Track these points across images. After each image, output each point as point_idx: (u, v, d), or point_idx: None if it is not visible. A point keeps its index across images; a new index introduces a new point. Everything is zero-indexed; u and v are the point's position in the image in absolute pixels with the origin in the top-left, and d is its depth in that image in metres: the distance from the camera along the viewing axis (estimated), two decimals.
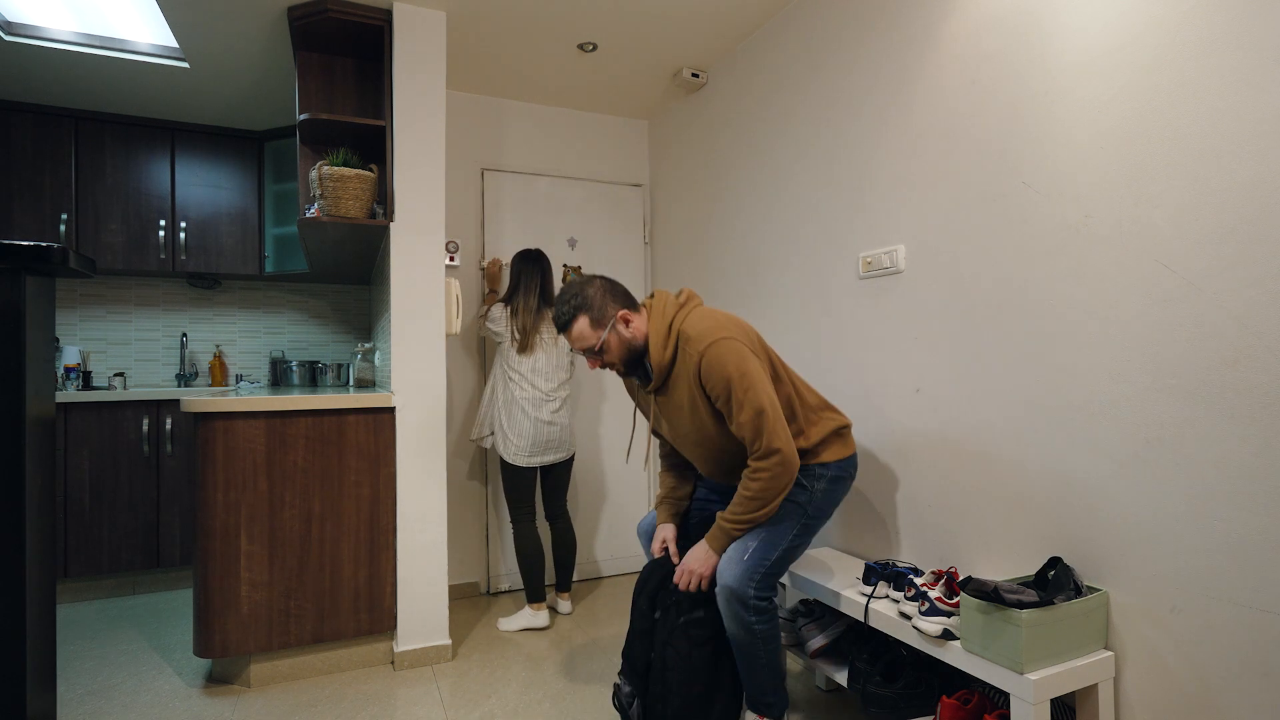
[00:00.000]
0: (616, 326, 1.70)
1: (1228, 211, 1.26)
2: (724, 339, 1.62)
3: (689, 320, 1.68)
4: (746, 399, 1.58)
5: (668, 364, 1.69)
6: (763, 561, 1.64)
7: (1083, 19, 1.51)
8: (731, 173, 2.81)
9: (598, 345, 1.70)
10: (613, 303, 1.71)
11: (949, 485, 1.85)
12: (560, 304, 1.74)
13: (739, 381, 1.59)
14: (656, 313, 1.72)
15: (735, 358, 1.60)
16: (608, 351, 1.72)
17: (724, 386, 1.60)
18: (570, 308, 1.71)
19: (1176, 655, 1.35)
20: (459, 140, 3.14)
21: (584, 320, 1.70)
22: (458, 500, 3.10)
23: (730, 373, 1.59)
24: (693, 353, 1.63)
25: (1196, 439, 1.31)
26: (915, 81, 1.94)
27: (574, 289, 1.72)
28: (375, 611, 2.34)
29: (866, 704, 1.71)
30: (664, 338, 1.68)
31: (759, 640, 1.64)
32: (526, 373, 2.68)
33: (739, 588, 1.61)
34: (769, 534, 1.67)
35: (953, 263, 1.83)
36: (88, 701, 2.11)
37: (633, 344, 1.72)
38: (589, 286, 1.72)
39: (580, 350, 1.74)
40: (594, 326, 1.69)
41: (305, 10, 2.37)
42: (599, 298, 1.70)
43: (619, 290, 1.74)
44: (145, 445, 3.11)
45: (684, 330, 1.67)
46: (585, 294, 1.71)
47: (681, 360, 1.67)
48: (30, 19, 2.62)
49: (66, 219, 3.22)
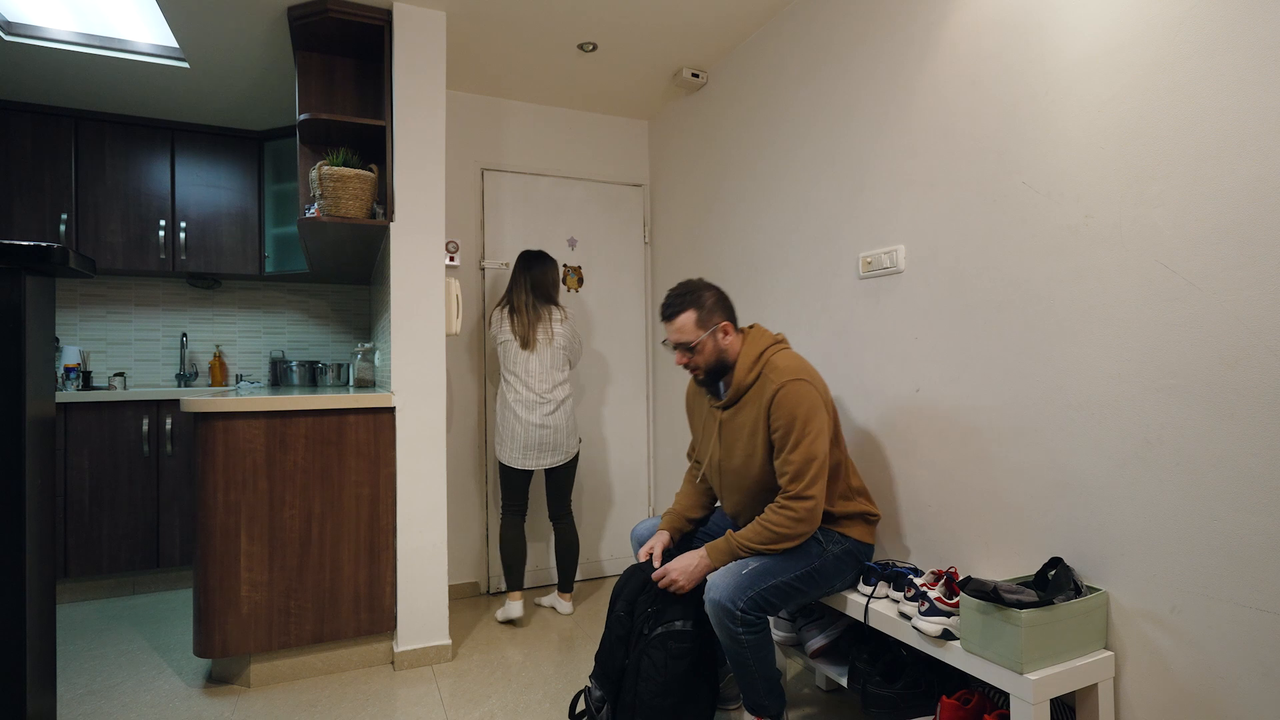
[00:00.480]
0: (716, 333, 1.79)
1: (1228, 211, 1.26)
2: (805, 381, 1.71)
3: (779, 356, 1.78)
4: (803, 442, 1.67)
5: (746, 387, 1.77)
6: (756, 583, 1.65)
7: (1082, 19, 1.51)
8: (731, 172, 2.81)
9: (694, 343, 1.78)
10: (720, 311, 1.81)
11: (949, 485, 1.85)
12: (673, 295, 1.82)
13: (802, 424, 1.67)
14: (752, 339, 1.81)
15: (808, 402, 1.68)
16: (699, 353, 1.80)
17: (788, 422, 1.68)
18: (682, 301, 1.80)
19: (1176, 655, 1.35)
20: (459, 140, 3.14)
21: (691, 315, 1.78)
22: (458, 500, 3.10)
23: (799, 412, 1.67)
24: (774, 381, 1.71)
25: (1196, 439, 1.31)
26: (915, 81, 1.94)
27: (691, 286, 1.82)
28: (375, 611, 2.34)
29: (866, 704, 1.71)
30: (752, 362, 1.77)
31: (747, 650, 1.65)
32: (521, 373, 2.71)
33: (727, 602, 1.62)
34: (772, 563, 1.69)
35: (953, 263, 1.83)
36: (88, 701, 2.11)
37: (723, 355, 1.81)
38: (706, 290, 1.82)
39: (675, 343, 1.81)
40: (698, 325, 1.78)
41: (305, 10, 2.37)
42: (710, 301, 1.80)
43: (728, 305, 1.84)
44: (145, 445, 3.11)
45: (772, 361, 1.76)
46: (700, 294, 1.80)
47: (759, 386, 1.75)
48: (30, 19, 2.62)
49: (66, 219, 3.22)
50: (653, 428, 3.51)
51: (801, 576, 1.70)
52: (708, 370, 1.82)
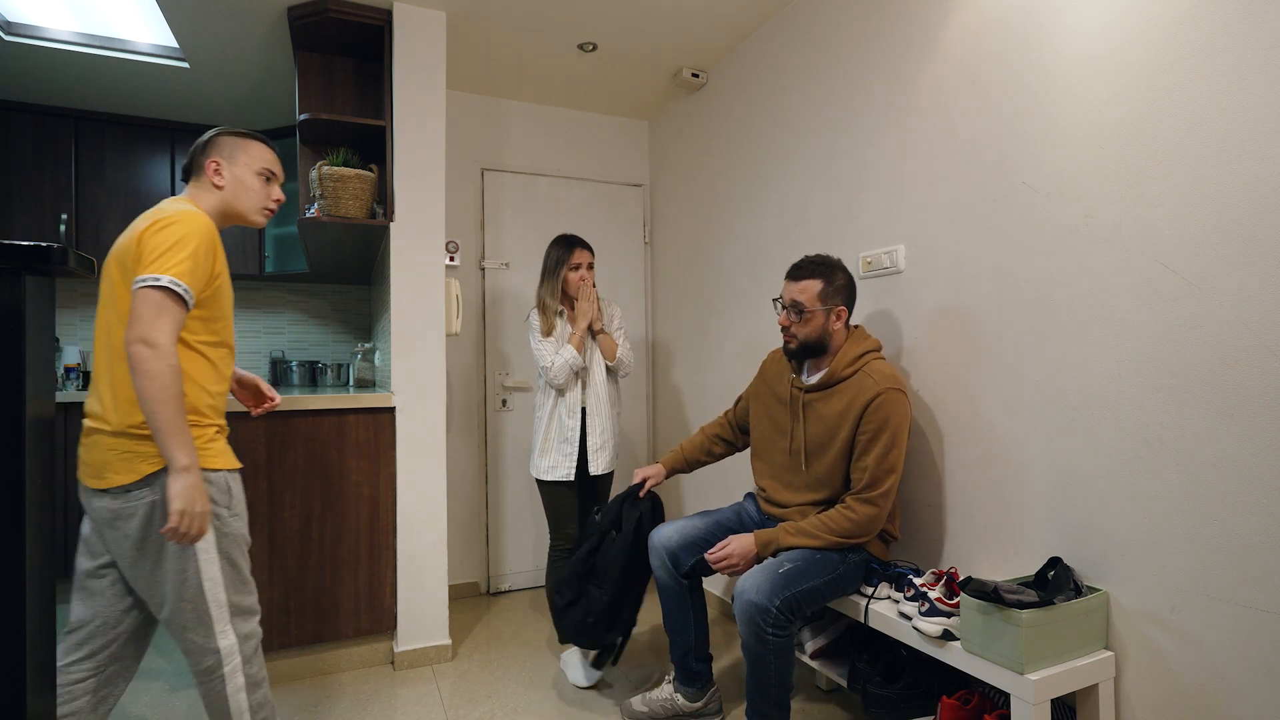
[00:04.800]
0: (831, 313, 1.81)
1: (1228, 211, 1.26)
2: (904, 395, 1.74)
3: (881, 362, 1.80)
4: (891, 452, 1.70)
5: (842, 379, 1.79)
6: (793, 584, 1.65)
7: (1082, 20, 1.51)
8: (731, 172, 2.81)
9: (808, 308, 1.80)
10: (843, 295, 1.82)
11: (949, 485, 1.85)
12: (810, 259, 1.84)
13: (892, 434, 1.70)
14: (857, 337, 1.84)
15: (904, 418, 1.73)
16: (807, 323, 1.81)
17: (880, 427, 1.70)
18: (815, 268, 1.82)
19: (1176, 655, 1.35)
20: (459, 140, 3.14)
21: (818, 285, 1.80)
22: (458, 500, 3.10)
23: (895, 423, 1.70)
24: (879, 381, 1.72)
25: (1196, 439, 1.31)
26: (915, 81, 1.94)
27: (830, 261, 1.84)
28: (375, 611, 2.34)
29: (866, 704, 1.71)
30: (854, 358, 1.79)
31: (770, 651, 1.63)
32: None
33: (764, 600, 1.61)
34: (807, 565, 1.69)
35: (953, 263, 1.83)
36: None
37: (824, 335, 1.82)
38: (840, 271, 1.83)
39: (790, 300, 1.82)
40: (819, 296, 1.80)
41: (305, 10, 2.37)
42: (840, 282, 1.82)
43: (853, 295, 1.86)
44: None
45: (873, 364, 1.78)
46: (835, 272, 1.82)
47: (857, 382, 1.76)
48: (30, 19, 2.62)
49: (66, 219, 3.22)
50: (653, 428, 3.51)
51: (829, 582, 1.70)
52: (803, 342, 1.83)
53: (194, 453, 1.32)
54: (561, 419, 2.32)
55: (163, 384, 1.28)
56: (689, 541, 1.92)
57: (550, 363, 2.25)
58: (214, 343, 1.48)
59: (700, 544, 1.92)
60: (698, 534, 1.93)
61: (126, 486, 1.37)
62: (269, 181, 1.59)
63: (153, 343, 1.27)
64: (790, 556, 1.71)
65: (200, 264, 1.37)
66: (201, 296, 1.40)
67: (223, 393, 1.52)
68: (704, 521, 1.98)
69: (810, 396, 1.84)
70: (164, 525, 1.33)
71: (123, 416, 1.37)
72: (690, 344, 3.13)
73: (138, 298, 1.29)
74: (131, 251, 1.35)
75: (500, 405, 3.18)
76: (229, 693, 1.44)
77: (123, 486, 1.37)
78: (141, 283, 1.30)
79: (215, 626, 1.41)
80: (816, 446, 1.81)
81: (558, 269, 2.33)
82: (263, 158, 1.57)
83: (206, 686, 1.44)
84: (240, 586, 1.47)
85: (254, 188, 1.55)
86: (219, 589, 1.42)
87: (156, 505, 1.36)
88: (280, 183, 1.62)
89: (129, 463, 1.37)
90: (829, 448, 1.78)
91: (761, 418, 2.00)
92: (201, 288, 1.39)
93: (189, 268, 1.34)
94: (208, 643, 1.42)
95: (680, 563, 1.91)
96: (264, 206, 1.58)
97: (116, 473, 1.37)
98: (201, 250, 1.37)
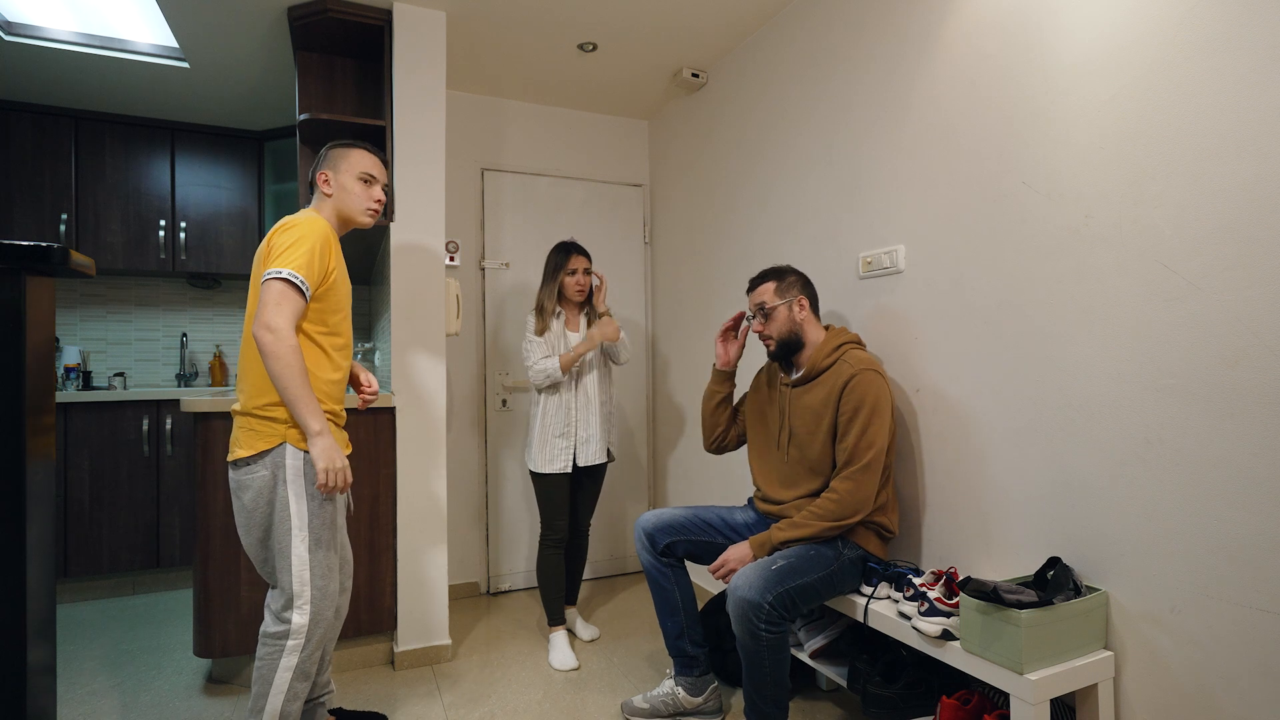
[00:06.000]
0: (792, 304, 1.91)
1: (1228, 211, 1.26)
2: (881, 375, 1.80)
3: (857, 350, 1.88)
4: (868, 430, 1.74)
5: (821, 369, 1.86)
6: (785, 580, 1.66)
7: (1081, 20, 1.51)
8: (732, 172, 2.81)
9: (769, 306, 1.91)
10: (800, 289, 1.94)
11: (949, 485, 1.85)
12: (760, 271, 2.00)
13: (869, 412, 1.75)
14: (834, 332, 1.92)
15: (881, 396, 1.77)
16: (773, 320, 1.91)
17: (857, 406, 1.76)
18: (764, 275, 1.97)
19: (1176, 655, 1.35)
20: (459, 140, 3.14)
21: (771, 285, 1.94)
22: (458, 500, 3.10)
23: (870, 402, 1.75)
24: (852, 365, 1.80)
25: (1196, 439, 1.31)
26: (914, 81, 1.94)
27: (777, 266, 1.99)
28: (375, 611, 2.34)
29: (866, 704, 1.71)
30: (830, 349, 1.87)
31: (765, 647, 1.64)
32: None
33: (755, 596, 1.63)
34: (800, 561, 1.72)
35: (953, 263, 1.83)
36: (88, 701, 2.11)
37: (794, 328, 1.91)
38: (790, 272, 1.97)
39: (754, 305, 1.96)
40: (775, 293, 1.92)
41: (305, 10, 2.37)
42: (790, 278, 1.95)
43: (809, 287, 1.97)
44: (145, 445, 3.11)
45: (851, 352, 1.85)
46: (783, 272, 1.96)
47: (834, 370, 1.84)
48: (30, 19, 2.62)
49: (66, 219, 3.22)
50: (653, 427, 3.51)
51: (823, 578, 1.72)
52: (780, 340, 1.91)
53: (323, 419, 1.53)
54: (556, 413, 2.44)
55: (286, 362, 1.48)
56: (665, 524, 2.02)
57: (534, 364, 2.41)
58: (329, 334, 1.66)
59: (676, 528, 2.01)
60: (675, 519, 2.04)
61: (246, 459, 1.58)
62: (369, 184, 1.75)
63: (274, 328, 1.48)
64: (784, 554, 1.74)
65: (316, 261, 1.58)
66: (318, 291, 1.61)
67: (336, 381, 1.69)
68: (685, 510, 2.07)
69: (795, 391, 1.92)
70: (286, 494, 1.56)
71: (248, 399, 1.59)
72: (690, 344, 3.13)
73: (264, 289, 1.51)
74: (263, 253, 1.59)
75: (500, 405, 3.18)
76: (280, 665, 1.57)
77: (243, 459, 1.58)
78: (267, 276, 1.52)
79: (295, 601, 1.58)
80: (804, 437, 1.87)
81: (556, 274, 2.48)
82: (361, 163, 1.73)
83: (266, 649, 1.59)
84: (326, 571, 1.62)
85: (355, 191, 1.73)
86: (305, 568, 1.58)
87: (266, 482, 1.55)
88: (382, 184, 1.78)
89: (249, 439, 1.57)
90: (815, 435, 1.84)
91: (755, 420, 2.07)
92: (317, 282, 1.59)
93: (305, 262, 1.54)
94: (283, 613, 1.59)
95: (656, 542, 2.00)
96: (367, 207, 1.75)
97: (240, 447, 1.58)
98: (317, 249, 1.58)
